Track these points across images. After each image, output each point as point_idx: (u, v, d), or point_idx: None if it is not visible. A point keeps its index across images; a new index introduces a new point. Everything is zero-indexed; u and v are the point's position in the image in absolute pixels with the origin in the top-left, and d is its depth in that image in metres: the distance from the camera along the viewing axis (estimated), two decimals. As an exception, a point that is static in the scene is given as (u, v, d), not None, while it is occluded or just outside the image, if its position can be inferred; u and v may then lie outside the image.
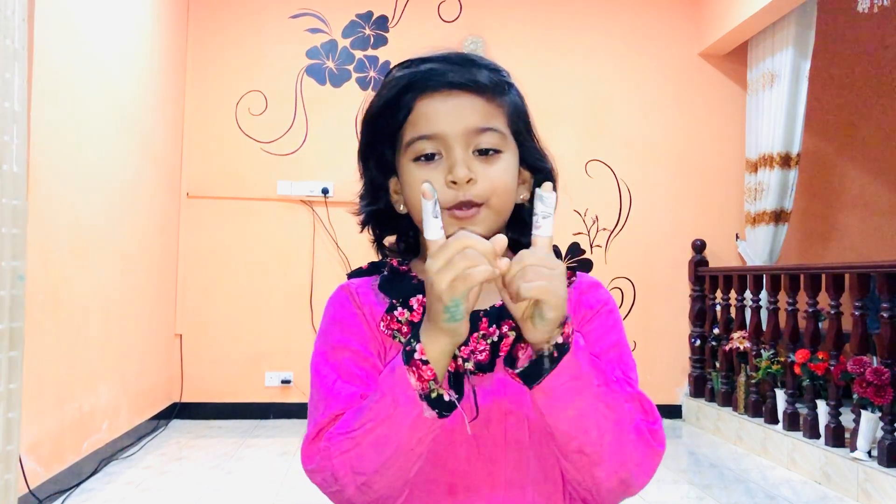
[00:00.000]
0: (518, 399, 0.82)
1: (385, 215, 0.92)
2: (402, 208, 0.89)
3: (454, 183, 0.81)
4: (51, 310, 2.83)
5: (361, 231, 0.94)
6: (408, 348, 0.73)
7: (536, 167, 0.90)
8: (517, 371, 0.75)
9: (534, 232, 0.72)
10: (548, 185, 0.72)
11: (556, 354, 0.72)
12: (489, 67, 0.87)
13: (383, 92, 0.87)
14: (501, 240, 0.70)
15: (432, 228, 0.71)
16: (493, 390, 0.82)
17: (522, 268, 0.70)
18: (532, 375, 0.74)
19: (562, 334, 0.72)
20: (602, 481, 0.78)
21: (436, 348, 0.72)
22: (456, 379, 0.75)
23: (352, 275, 0.93)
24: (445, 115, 0.83)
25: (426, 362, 0.72)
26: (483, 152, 0.83)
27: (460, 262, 0.68)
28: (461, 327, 0.71)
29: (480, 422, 0.81)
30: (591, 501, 0.82)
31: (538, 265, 0.69)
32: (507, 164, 0.85)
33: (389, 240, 0.94)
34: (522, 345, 0.75)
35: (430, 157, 0.83)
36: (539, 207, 0.72)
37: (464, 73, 0.84)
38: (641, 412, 0.80)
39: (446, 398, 0.73)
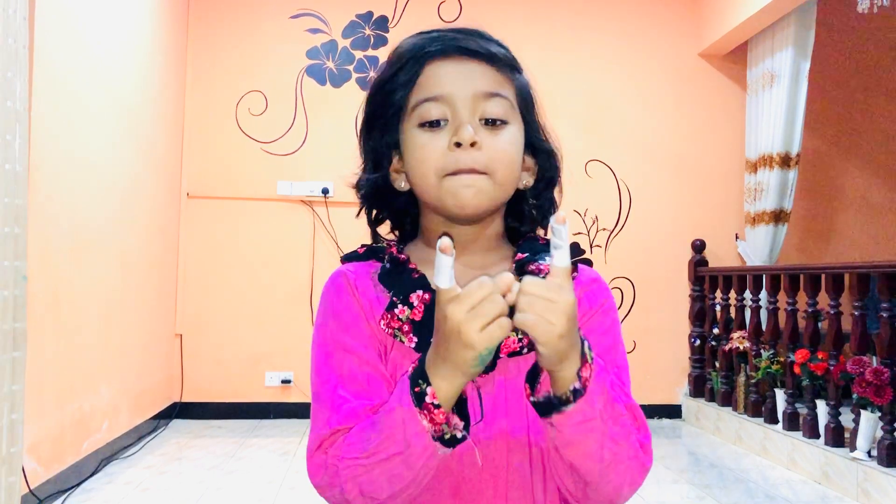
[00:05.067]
0: (519, 403, 0.81)
1: (383, 192, 0.88)
2: (402, 185, 0.86)
3: (458, 146, 0.79)
4: (51, 310, 2.83)
5: (359, 212, 0.91)
6: (417, 389, 0.70)
7: (541, 149, 0.88)
8: (532, 400, 0.74)
9: (550, 261, 0.70)
10: (560, 216, 0.69)
11: (572, 399, 0.71)
12: (500, 44, 0.86)
13: (391, 60, 0.86)
14: (507, 278, 0.68)
15: (445, 278, 0.68)
16: (494, 394, 0.82)
17: (520, 295, 0.67)
18: (544, 410, 0.73)
19: (580, 378, 0.71)
20: (592, 500, 0.79)
21: (450, 388, 0.70)
22: (460, 405, 0.73)
23: (346, 258, 0.90)
24: (454, 78, 0.81)
25: (438, 406, 0.70)
26: (490, 122, 0.81)
27: (490, 309, 0.66)
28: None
29: (483, 426, 0.80)
30: None
31: (535, 295, 0.67)
32: (512, 137, 0.83)
33: (383, 229, 0.92)
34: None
35: (435, 124, 0.81)
36: (552, 238, 0.70)
37: (475, 41, 0.83)
38: (634, 424, 0.80)
39: (459, 436, 0.72)
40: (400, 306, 0.82)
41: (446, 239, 0.68)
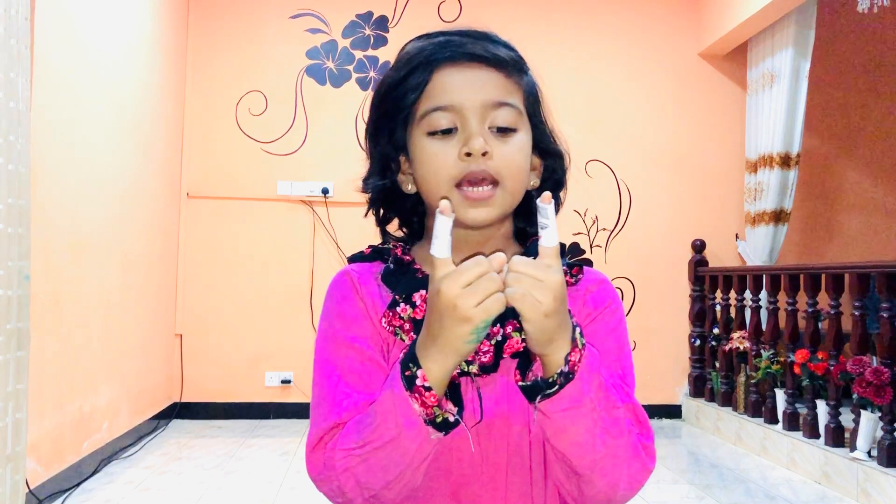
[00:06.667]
0: (521, 404, 0.81)
1: (391, 195, 0.88)
2: (409, 188, 0.86)
3: (468, 155, 0.78)
4: (51, 310, 2.83)
5: (367, 213, 0.91)
6: (407, 373, 0.71)
7: (549, 151, 0.88)
8: (519, 384, 0.74)
9: (539, 241, 0.71)
10: (546, 195, 0.70)
11: (559, 382, 0.71)
12: (507, 45, 0.85)
13: (399, 63, 0.84)
14: (501, 257, 0.69)
15: (442, 246, 0.69)
16: (496, 395, 0.81)
17: (509, 272, 0.68)
18: (532, 394, 0.73)
19: (568, 363, 0.70)
20: (588, 497, 0.79)
21: (441, 370, 0.70)
22: (453, 390, 0.74)
23: (352, 259, 0.90)
24: (463, 87, 0.80)
25: (429, 388, 0.70)
26: (500, 130, 0.81)
27: (487, 286, 0.67)
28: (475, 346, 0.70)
29: (483, 427, 0.80)
30: None
31: (523, 273, 0.68)
32: (522, 144, 0.83)
33: (392, 226, 0.92)
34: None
35: (445, 132, 0.80)
36: (539, 219, 0.71)
37: (483, 46, 0.82)
38: (637, 425, 0.80)
39: (451, 419, 0.72)
40: (402, 305, 0.82)
41: (446, 201, 0.70)
